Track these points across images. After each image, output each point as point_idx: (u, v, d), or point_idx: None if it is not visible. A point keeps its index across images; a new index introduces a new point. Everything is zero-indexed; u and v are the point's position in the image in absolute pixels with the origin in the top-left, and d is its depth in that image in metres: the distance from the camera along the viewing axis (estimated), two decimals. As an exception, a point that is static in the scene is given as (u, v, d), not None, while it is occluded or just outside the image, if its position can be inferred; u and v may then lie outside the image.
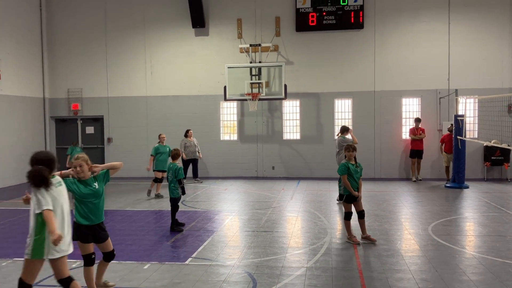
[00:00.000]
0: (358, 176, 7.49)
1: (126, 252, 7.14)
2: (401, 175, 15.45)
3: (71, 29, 16.83)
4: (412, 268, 6.27)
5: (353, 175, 7.40)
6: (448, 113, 14.98)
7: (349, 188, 7.35)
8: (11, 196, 12.75)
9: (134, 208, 10.84)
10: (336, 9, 15.26)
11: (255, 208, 10.63)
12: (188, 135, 14.72)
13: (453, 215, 9.70)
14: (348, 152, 7.51)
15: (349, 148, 7.53)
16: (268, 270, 6.23)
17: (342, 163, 7.52)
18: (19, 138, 15.56)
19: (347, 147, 7.57)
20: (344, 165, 7.45)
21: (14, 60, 15.34)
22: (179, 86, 16.32)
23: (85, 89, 16.87)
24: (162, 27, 16.34)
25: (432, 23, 15.04)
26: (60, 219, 4.65)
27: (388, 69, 15.32)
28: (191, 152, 14.56)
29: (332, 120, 15.73)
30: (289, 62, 15.68)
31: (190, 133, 14.76)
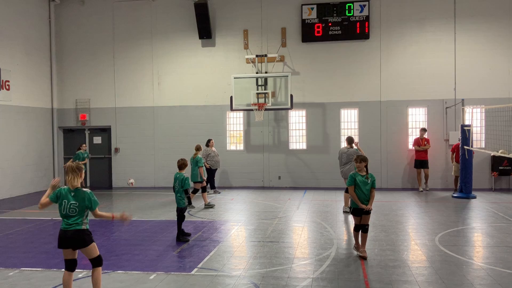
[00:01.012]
0: (368, 188, 7.18)
1: (132, 262, 7.16)
2: (408, 185, 15.38)
3: (79, 41, 17.04)
4: (419, 279, 6.23)
5: (361, 187, 7.16)
6: (455, 123, 14.94)
7: (355, 200, 7.17)
8: (19, 206, 12.83)
9: (141, 218, 10.87)
10: (341, 20, 15.34)
11: (261, 218, 10.62)
12: (210, 145, 14.54)
13: (460, 225, 9.63)
14: (356, 163, 7.29)
15: (356, 159, 7.31)
16: (274, 280, 6.22)
17: (350, 174, 7.34)
18: (28, 148, 15.70)
19: (355, 158, 7.36)
20: (351, 176, 7.26)
21: (24, 71, 15.54)
22: (186, 97, 16.43)
23: (93, 99, 17.03)
24: (169, 38, 16.50)
25: (438, 33, 15.07)
26: None
27: (394, 79, 15.34)
28: (214, 162, 14.34)
29: (338, 130, 15.73)
30: (295, 72, 15.74)
31: (211, 143, 14.59)
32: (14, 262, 7.27)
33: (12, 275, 6.59)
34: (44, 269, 6.84)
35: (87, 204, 5.25)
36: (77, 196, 5.24)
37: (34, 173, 15.97)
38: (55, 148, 17.13)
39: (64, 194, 5.25)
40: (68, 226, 5.21)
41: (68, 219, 5.22)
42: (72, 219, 5.22)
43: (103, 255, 7.54)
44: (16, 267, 6.95)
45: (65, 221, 5.24)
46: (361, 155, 7.44)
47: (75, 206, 5.22)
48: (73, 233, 5.19)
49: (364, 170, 7.25)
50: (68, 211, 5.22)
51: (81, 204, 5.23)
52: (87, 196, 5.26)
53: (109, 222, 10.27)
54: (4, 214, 11.63)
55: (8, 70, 14.46)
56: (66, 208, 5.22)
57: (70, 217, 5.22)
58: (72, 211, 5.21)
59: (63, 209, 5.23)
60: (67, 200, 5.23)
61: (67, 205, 5.21)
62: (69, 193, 5.25)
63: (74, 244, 5.24)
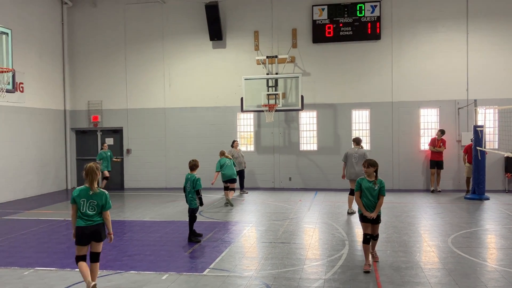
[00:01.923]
0: (375, 195, 6.67)
1: (144, 263, 7.21)
2: (420, 186, 15.27)
3: (92, 43, 17.20)
4: (432, 280, 6.19)
5: (366, 194, 6.68)
6: (467, 123, 14.81)
7: (360, 206, 6.72)
8: (32, 207, 12.98)
9: (152, 218, 10.94)
10: (352, 21, 15.30)
11: (272, 219, 10.63)
12: (234, 146, 14.59)
13: (474, 227, 9.55)
14: (364, 168, 6.79)
15: (364, 164, 6.82)
16: (285, 281, 6.22)
17: (357, 179, 6.88)
18: (41, 150, 15.88)
19: (363, 163, 6.88)
20: (357, 182, 6.81)
21: (37, 73, 15.72)
22: (197, 98, 16.50)
23: (105, 101, 17.17)
24: (181, 40, 16.58)
25: (450, 33, 14.95)
26: None
27: (405, 79, 15.25)
28: (238, 163, 14.34)
29: (350, 131, 15.67)
30: (306, 73, 15.73)
31: (236, 144, 14.64)
32: (29, 261, 7.36)
33: (27, 275, 6.67)
34: (58, 269, 6.92)
35: (103, 203, 5.66)
36: (96, 195, 5.63)
37: (47, 174, 16.14)
38: (68, 149, 17.30)
39: (83, 194, 5.62)
40: (89, 222, 5.60)
41: (87, 216, 5.60)
42: (91, 216, 5.61)
43: (115, 255, 7.63)
44: (31, 267, 7.04)
45: (84, 218, 5.60)
46: (370, 159, 6.89)
47: (94, 205, 5.62)
48: (95, 227, 5.62)
49: (373, 175, 6.71)
50: (88, 209, 5.60)
51: (99, 202, 5.64)
52: (104, 196, 5.69)
53: (122, 223, 10.40)
54: (18, 215, 11.77)
55: (22, 72, 14.63)
56: (85, 206, 5.59)
57: (88, 215, 5.60)
58: (91, 208, 5.61)
59: (82, 207, 5.59)
60: (86, 198, 5.60)
61: (86, 203, 5.59)
62: (88, 192, 5.62)
63: (94, 238, 5.64)
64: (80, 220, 5.60)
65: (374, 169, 6.68)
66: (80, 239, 5.62)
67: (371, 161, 6.76)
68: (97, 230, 5.64)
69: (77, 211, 5.63)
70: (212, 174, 13.04)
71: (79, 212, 5.61)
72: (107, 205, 5.68)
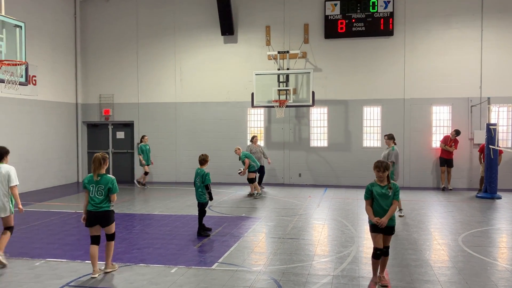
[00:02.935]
0: (390, 202, 5.88)
1: (154, 256, 7.25)
2: (431, 184, 15.16)
3: (104, 37, 17.28)
4: (442, 279, 6.14)
5: (379, 201, 5.88)
6: (480, 121, 14.64)
7: (370, 215, 5.96)
8: (44, 199, 13.12)
9: (162, 212, 10.99)
10: (365, 16, 15.18)
11: (282, 215, 10.62)
12: (254, 141, 14.57)
13: (485, 226, 9.45)
14: (376, 172, 5.97)
15: (379, 167, 5.95)
16: (294, 277, 6.22)
17: (367, 185, 6.04)
18: (53, 142, 16.02)
19: (375, 165, 6.00)
20: (367, 188, 6.00)
21: (50, 66, 15.85)
22: (208, 93, 16.51)
23: (116, 95, 17.26)
24: (192, 35, 16.59)
25: (464, 29, 14.77)
26: None
27: (418, 76, 15.11)
28: (256, 159, 14.16)
29: (361, 128, 15.59)
30: (317, 69, 15.66)
31: (255, 139, 14.60)
32: (40, 252, 7.45)
33: (38, 265, 6.75)
34: (69, 260, 6.99)
35: (110, 186, 6.21)
36: (103, 180, 6.22)
37: (58, 166, 16.30)
38: (79, 142, 17.44)
39: (91, 180, 6.24)
40: (96, 208, 6.19)
41: (96, 201, 6.19)
42: (99, 201, 6.19)
43: (125, 248, 7.69)
44: (42, 258, 7.12)
45: (92, 203, 6.20)
46: (384, 161, 6.07)
47: (101, 189, 6.20)
48: (101, 214, 6.22)
49: (385, 179, 5.95)
50: (96, 194, 6.19)
51: (106, 187, 6.19)
52: (110, 180, 6.25)
53: (131, 216, 10.48)
54: (30, 206, 11.90)
55: (35, 65, 14.77)
56: (94, 191, 6.20)
57: (97, 199, 6.18)
58: (99, 193, 6.20)
59: (91, 192, 6.22)
60: (95, 184, 6.21)
61: (95, 188, 6.20)
62: (95, 178, 6.22)
63: (101, 223, 6.26)
64: (90, 205, 6.23)
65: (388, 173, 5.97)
66: (88, 222, 6.28)
67: (387, 165, 5.97)
68: (103, 216, 6.23)
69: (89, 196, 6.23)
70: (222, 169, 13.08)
71: (90, 197, 6.22)
72: (113, 189, 6.24)
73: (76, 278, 6.15)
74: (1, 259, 6.67)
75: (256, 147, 14.51)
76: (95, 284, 5.95)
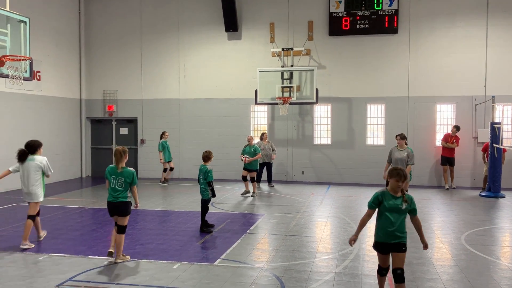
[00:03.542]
0: (403, 218, 4.89)
1: (157, 252, 7.27)
2: (434, 182, 15.14)
3: (108, 33, 17.30)
4: (444, 277, 6.14)
5: (389, 216, 4.83)
6: (484, 120, 14.59)
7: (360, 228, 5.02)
8: (48, 194, 13.13)
9: (165, 208, 11.02)
10: (370, 14, 15.13)
11: (284, 212, 10.63)
12: (263, 138, 14.58)
13: (488, 224, 9.43)
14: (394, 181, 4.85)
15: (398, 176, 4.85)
16: (296, 274, 6.23)
17: (376, 193, 4.97)
18: (57, 138, 16.07)
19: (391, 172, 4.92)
20: (375, 197, 4.93)
21: (53, 62, 15.88)
22: (211, 89, 16.51)
23: (120, 91, 17.29)
24: (196, 31, 16.59)
25: (469, 28, 14.70)
26: None
27: (422, 74, 15.07)
28: (264, 156, 14.28)
29: (364, 126, 15.56)
30: (321, 66, 15.63)
31: (265, 136, 14.62)
32: (44, 247, 7.48)
33: (41, 260, 6.78)
34: (72, 255, 7.02)
35: (130, 181, 6.58)
36: (124, 173, 6.58)
37: (62, 162, 16.34)
38: (83, 138, 17.48)
39: (112, 171, 6.61)
40: (114, 199, 6.57)
41: (115, 192, 6.56)
42: (118, 192, 6.55)
43: (128, 243, 7.71)
44: (45, 253, 7.15)
45: (112, 194, 6.58)
46: (404, 169, 4.98)
47: (121, 181, 6.56)
48: (118, 204, 6.58)
49: (400, 190, 4.91)
50: (117, 185, 6.56)
51: (126, 179, 6.55)
52: (130, 173, 6.61)
53: (134, 212, 10.48)
54: (33, 201, 11.94)
55: (39, 60, 14.79)
56: (114, 182, 6.57)
57: (117, 191, 6.55)
58: (119, 185, 6.56)
59: (112, 183, 6.59)
60: (115, 176, 6.58)
61: (116, 180, 6.56)
62: (117, 171, 6.57)
63: (118, 212, 6.61)
64: (109, 196, 6.62)
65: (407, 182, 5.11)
66: (108, 211, 6.73)
67: (406, 174, 4.96)
68: (119, 207, 6.57)
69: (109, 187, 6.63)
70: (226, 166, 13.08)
71: (110, 188, 6.60)
72: (133, 181, 6.62)
73: (79, 273, 6.18)
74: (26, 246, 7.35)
75: (265, 144, 14.52)
76: (98, 279, 5.98)
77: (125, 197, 6.58)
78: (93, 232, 8.61)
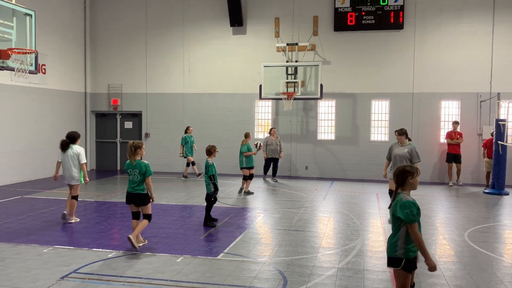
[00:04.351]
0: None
1: (160, 245, 7.31)
2: (438, 179, 15.11)
3: (113, 27, 17.31)
4: (447, 273, 6.15)
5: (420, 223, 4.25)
6: (489, 117, 14.54)
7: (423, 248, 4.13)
8: (52, 186, 13.24)
9: (169, 202, 11.06)
10: (375, 9, 15.07)
11: (287, 207, 10.65)
12: (272, 133, 14.66)
13: (491, 222, 9.42)
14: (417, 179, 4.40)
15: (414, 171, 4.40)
16: (299, 269, 6.25)
17: (410, 201, 4.21)
18: (62, 131, 15.95)
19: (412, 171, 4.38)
20: (415, 206, 4.20)
21: (59, 55, 15.91)
22: (216, 84, 16.51)
23: (125, 85, 17.32)
24: (201, 26, 16.57)
25: (475, 24, 14.62)
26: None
27: (427, 70, 15.01)
28: (271, 151, 14.38)
29: (368, 122, 15.54)
30: (326, 61, 15.59)
31: (273, 131, 14.70)
32: (48, 239, 7.54)
33: (46, 252, 6.84)
34: (76, 248, 7.07)
35: (144, 172, 7.01)
36: (137, 165, 7.04)
37: (67, 155, 16.38)
38: (88, 131, 17.53)
39: (129, 165, 7.12)
40: (132, 190, 7.10)
41: (133, 184, 7.08)
42: (136, 184, 7.05)
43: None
44: (50, 245, 7.21)
45: (131, 185, 7.12)
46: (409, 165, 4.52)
47: (137, 173, 7.04)
48: (136, 195, 7.10)
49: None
50: (134, 177, 7.06)
51: (141, 171, 7.01)
52: (143, 165, 7.05)
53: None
54: (38, 194, 12.03)
55: (45, 54, 14.83)
56: (132, 174, 7.08)
57: (135, 182, 7.06)
58: (135, 177, 7.05)
59: (130, 175, 7.11)
60: (132, 168, 7.07)
61: (133, 172, 7.07)
62: (131, 164, 7.08)
63: (136, 202, 7.14)
64: (128, 187, 7.16)
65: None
66: (127, 200, 7.23)
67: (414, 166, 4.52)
68: (137, 197, 7.10)
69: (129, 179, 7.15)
70: (229, 160, 13.08)
71: (129, 180, 7.14)
72: (147, 172, 7.03)
73: (83, 265, 6.23)
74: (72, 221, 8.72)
75: (274, 139, 14.58)
76: (102, 271, 6.03)
77: (142, 189, 7.06)
78: (97, 225, 8.66)
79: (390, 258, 4.29)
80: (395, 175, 4.41)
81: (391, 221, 4.44)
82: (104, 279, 5.75)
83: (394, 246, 4.25)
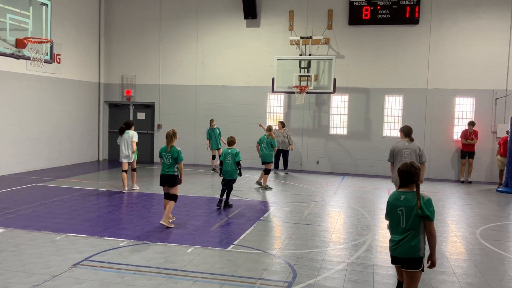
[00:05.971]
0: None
1: (171, 235, 7.37)
2: (451, 176, 14.98)
3: (128, 18, 17.36)
4: (457, 271, 6.11)
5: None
6: (505, 115, 14.34)
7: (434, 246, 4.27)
8: (65, 175, 13.39)
9: (180, 193, 11.08)
10: (391, 3, 14.90)
11: (298, 201, 10.66)
12: (278, 126, 14.94)
13: (504, 220, 9.33)
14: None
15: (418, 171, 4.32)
16: (308, 262, 6.26)
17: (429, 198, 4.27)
18: (76, 121, 16.28)
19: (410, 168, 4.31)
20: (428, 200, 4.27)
21: (74, 45, 16.02)
22: (228, 77, 16.51)
23: (138, 75, 17.39)
24: (215, 18, 16.55)
25: (492, 20, 14.39)
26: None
27: (442, 66, 14.83)
28: (279, 143, 14.31)
29: (381, 117, 15.43)
30: (340, 55, 15.49)
31: (279, 124, 15.02)
32: (61, 227, 7.64)
33: (59, 239, 6.93)
34: (88, 236, 7.16)
35: (176, 156, 7.83)
36: (172, 151, 7.87)
37: (80, 144, 16.57)
38: (101, 121, 17.67)
39: (163, 150, 7.98)
40: (164, 172, 7.92)
41: (165, 167, 7.90)
42: (167, 167, 7.88)
43: (143, 226, 7.84)
44: (62, 232, 7.30)
45: (164, 168, 7.92)
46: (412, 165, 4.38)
47: (170, 157, 7.88)
48: (168, 176, 7.92)
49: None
50: (166, 161, 7.90)
51: (173, 156, 7.83)
52: (176, 151, 7.87)
53: (150, 196, 10.66)
54: (52, 182, 12.17)
55: (60, 44, 14.93)
56: (165, 158, 7.92)
57: (166, 165, 7.88)
58: (168, 160, 7.89)
59: (163, 159, 7.94)
60: (165, 153, 7.93)
61: (165, 156, 7.91)
62: (166, 149, 7.93)
63: (167, 183, 7.95)
64: (161, 170, 7.96)
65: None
66: (160, 182, 8.04)
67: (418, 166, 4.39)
68: (167, 179, 7.91)
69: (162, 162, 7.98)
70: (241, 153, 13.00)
71: (162, 163, 7.96)
72: (178, 158, 7.84)
73: (95, 253, 6.31)
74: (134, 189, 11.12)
75: (281, 131, 14.74)
76: (113, 259, 6.10)
77: (172, 171, 7.86)
78: (109, 214, 8.75)
79: (411, 259, 4.22)
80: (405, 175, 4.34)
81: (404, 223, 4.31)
82: (115, 267, 5.82)
83: (416, 247, 4.21)
